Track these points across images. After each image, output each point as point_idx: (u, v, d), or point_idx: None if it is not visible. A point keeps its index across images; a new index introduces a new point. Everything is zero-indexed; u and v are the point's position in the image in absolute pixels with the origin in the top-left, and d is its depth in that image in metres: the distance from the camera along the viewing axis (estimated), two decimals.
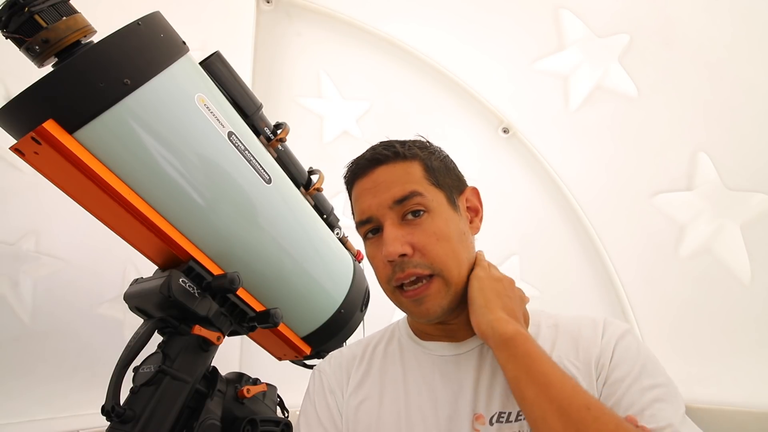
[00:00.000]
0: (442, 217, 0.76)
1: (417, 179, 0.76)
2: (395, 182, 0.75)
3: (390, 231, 0.73)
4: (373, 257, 0.78)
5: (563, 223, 2.16)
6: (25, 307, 1.46)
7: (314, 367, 0.89)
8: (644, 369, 0.66)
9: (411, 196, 0.74)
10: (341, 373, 0.84)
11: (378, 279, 0.79)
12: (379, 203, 0.75)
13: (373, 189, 0.76)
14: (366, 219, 0.77)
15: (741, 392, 1.60)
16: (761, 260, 1.56)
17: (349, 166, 0.83)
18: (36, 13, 0.66)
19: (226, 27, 1.78)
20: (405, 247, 0.71)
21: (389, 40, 1.98)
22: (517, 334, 0.65)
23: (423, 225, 0.73)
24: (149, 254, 0.86)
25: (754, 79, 1.41)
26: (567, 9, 1.67)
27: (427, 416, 0.72)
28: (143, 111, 0.72)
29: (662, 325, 1.91)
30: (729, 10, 1.37)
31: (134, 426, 0.71)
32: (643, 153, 1.78)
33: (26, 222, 1.47)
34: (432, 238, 0.73)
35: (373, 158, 0.78)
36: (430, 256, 0.72)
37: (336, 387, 0.82)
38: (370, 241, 0.78)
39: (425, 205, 0.74)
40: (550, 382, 0.60)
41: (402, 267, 0.72)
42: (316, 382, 0.85)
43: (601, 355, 0.69)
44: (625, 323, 0.76)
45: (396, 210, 0.74)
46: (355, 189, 0.81)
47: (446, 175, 0.81)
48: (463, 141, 2.17)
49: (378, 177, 0.77)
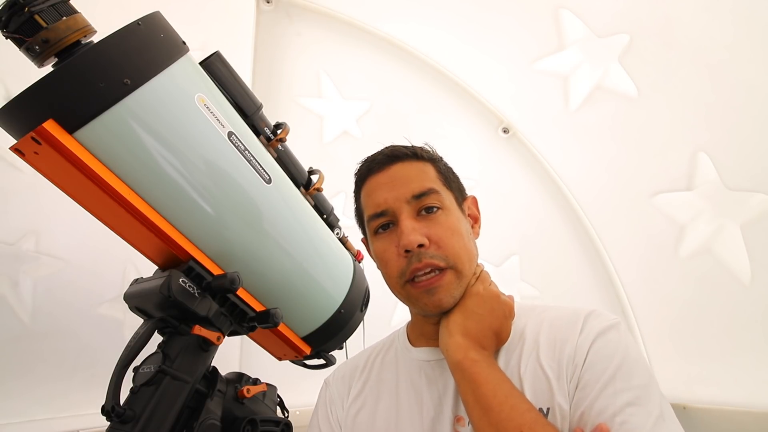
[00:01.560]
0: (455, 215, 0.78)
1: (432, 178, 0.80)
2: (413, 178, 0.78)
3: (408, 222, 0.74)
4: (385, 251, 0.78)
5: (563, 224, 2.16)
6: (25, 307, 1.46)
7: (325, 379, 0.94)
8: (619, 370, 0.63)
9: (429, 193, 0.76)
10: (344, 384, 0.88)
11: (387, 274, 0.79)
12: (396, 197, 0.77)
13: (390, 183, 0.78)
14: (381, 212, 0.78)
15: (741, 392, 1.60)
16: (761, 260, 1.56)
17: (365, 161, 0.85)
18: (36, 13, 0.66)
19: (226, 27, 1.78)
20: (423, 237, 0.73)
21: (389, 39, 1.98)
22: (464, 360, 0.68)
23: (438, 220, 0.76)
24: (149, 254, 0.86)
25: (755, 80, 1.41)
26: (567, 9, 1.67)
27: (414, 419, 0.74)
28: (143, 111, 0.72)
29: (662, 326, 1.91)
30: (730, 11, 1.37)
31: (134, 426, 0.71)
32: (644, 153, 1.78)
33: (26, 222, 1.47)
34: (447, 232, 0.75)
35: (392, 154, 0.81)
36: (445, 249, 0.74)
37: (337, 398, 0.86)
38: (381, 235, 0.79)
39: (440, 203, 0.77)
40: (490, 406, 0.62)
41: (419, 257, 0.73)
42: (321, 394, 0.90)
43: (575, 355, 0.67)
44: (613, 316, 0.72)
45: (413, 205, 0.76)
46: (369, 183, 0.82)
47: (453, 180, 0.85)
48: (463, 141, 2.17)
49: (396, 173, 0.79)
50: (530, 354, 0.71)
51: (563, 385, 0.65)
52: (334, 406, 0.85)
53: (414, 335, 0.86)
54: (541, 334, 0.73)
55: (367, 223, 0.83)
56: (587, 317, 0.72)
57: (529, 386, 0.67)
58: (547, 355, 0.69)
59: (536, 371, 0.68)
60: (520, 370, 0.70)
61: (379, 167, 0.81)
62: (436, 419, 0.72)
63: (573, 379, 0.65)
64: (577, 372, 0.65)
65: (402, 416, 0.75)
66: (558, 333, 0.71)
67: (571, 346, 0.68)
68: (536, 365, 0.69)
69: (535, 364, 0.69)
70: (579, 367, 0.65)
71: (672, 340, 1.85)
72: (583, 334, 0.69)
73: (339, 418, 0.83)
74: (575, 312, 0.74)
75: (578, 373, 0.65)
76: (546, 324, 0.74)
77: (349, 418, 0.81)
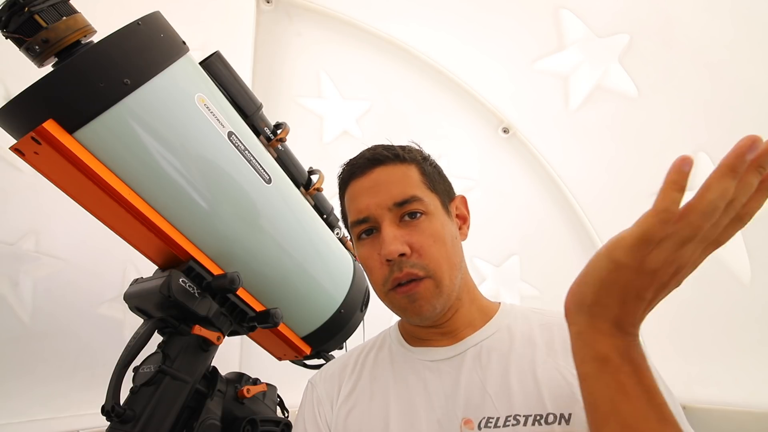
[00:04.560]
0: (439, 220, 0.76)
1: (415, 183, 0.77)
2: (395, 184, 0.76)
3: (389, 230, 0.73)
4: (368, 257, 0.77)
5: (564, 224, 2.16)
6: (25, 307, 1.46)
7: (309, 379, 0.90)
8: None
9: (411, 201, 0.74)
10: (332, 384, 0.84)
11: (372, 281, 0.78)
12: (378, 203, 0.75)
13: (373, 189, 0.76)
14: (363, 218, 0.76)
15: (741, 392, 1.60)
16: (761, 260, 1.56)
17: (347, 165, 0.83)
18: (36, 13, 0.66)
19: (226, 27, 1.78)
20: (404, 246, 0.72)
21: (389, 40, 1.98)
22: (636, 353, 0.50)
23: (420, 227, 0.74)
24: (149, 254, 0.86)
25: (755, 80, 1.41)
26: (567, 9, 1.67)
27: (418, 421, 0.71)
28: (143, 111, 0.72)
29: (662, 325, 1.91)
30: (729, 11, 1.37)
31: (134, 426, 0.71)
32: (644, 153, 1.78)
33: (26, 222, 1.47)
34: (429, 239, 0.73)
35: (374, 158, 0.78)
36: (426, 258, 0.72)
37: (325, 398, 0.83)
38: (364, 242, 0.78)
39: (424, 208, 0.75)
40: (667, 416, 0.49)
41: (400, 266, 0.72)
42: (307, 395, 0.86)
43: None
44: None
45: (394, 211, 0.75)
46: (352, 188, 0.80)
47: (439, 181, 0.82)
48: (463, 141, 2.17)
49: (378, 177, 0.77)
50: (546, 360, 0.69)
51: None
52: (321, 407, 0.82)
53: (407, 336, 0.85)
54: (555, 341, 0.72)
55: (350, 229, 0.81)
56: None
57: (547, 392, 0.66)
58: (567, 361, 0.67)
59: (555, 377, 0.67)
60: (536, 376, 0.68)
61: (361, 171, 0.79)
62: (442, 421, 0.70)
63: None
64: None
65: (402, 418, 0.73)
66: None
67: None
68: (555, 372, 0.67)
69: (553, 371, 0.68)
70: None
71: (671, 339, 1.85)
72: None
73: (328, 419, 0.79)
74: None
75: None
76: (557, 330, 0.73)
77: (340, 418, 0.78)
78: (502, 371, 0.71)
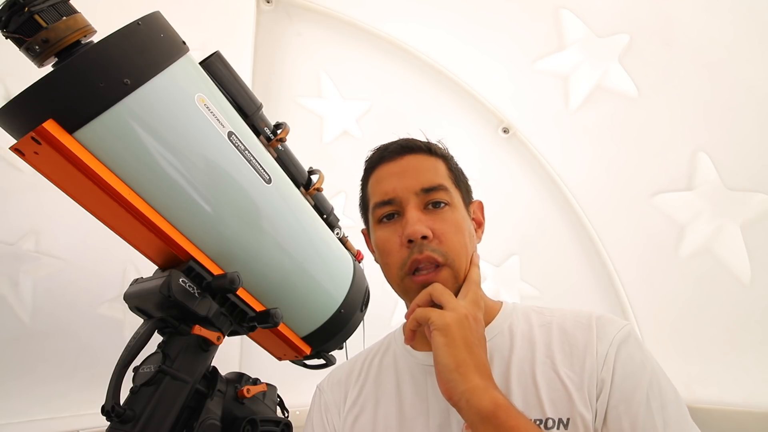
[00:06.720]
0: (461, 213, 0.78)
1: (443, 175, 0.80)
2: (424, 171, 0.78)
3: (414, 213, 0.74)
4: (387, 240, 0.77)
5: (563, 224, 2.16)
6: (25, 307, 1.46)
7: (317, 385, 0.91)
8: (651, 387, 0.63)
9: (438, 188, 0.76)
10: (339, 390, 0.85)
11: (387, 264, 0.78)
12: (405, 187, 0.76)
13: (401, 173, 0.78)
14: (388, 200, 0.77)
15: (741, 392, 1.60)
16: (761, 260, 1.56)
17: (377, 149, 0.84)
18: (36, 13, 0.66)
19: (226, 27, 1.78)
20: (427, 230, 0.73)
21: (389, 40, 1.98)
22: (497, 409, 0.56)
23: (443, 215, 0.76)
24: (149, 254, 0.86)
25: (755, 80, 1.41)
26: (567, 9, 1.67)
27: (420, 426, 0.72)
28: (143, 111, 0.72)
29: (662, 325, 1.91)
30: (729, 11, 1.37)
31: (134, 426, 0.71)
32: (644, 153, 1.78)
33: (26, 222, 1.47)
34: (452, 228, 0.75)
35: (407, 145, 0.81)
36: (447, 245, 0.74)
37: (332, 405, 0.84)
38: (384, 224, 0.79)
39: (449, 199, 0.77)
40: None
41: (420, 249, 0.73)
42: (314, 401, 0.88)
43: (601, 369, 0.65)
44: (622, 320, 0.72)
45: (421, 197, 0.76)
46: (379, 171, 0.82)
47: (463, 180, 0.85)
48: (463, 141, 2.17)
49: (408, 163, 0.79)
50: (544, 362, 0.69)
51: (584, 396, 0.64)
52: (329, 414, 0.83)
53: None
54: (553, 342, 0.72)
55: (372, 211, 0.82)
56: (598, 323, 0.71)
57: (546, 396, 0.66)
58: (564, 364, 0.68)
59: (553, 381, 0.67)
60: (536, 379, 0.68)
61: (392, 156, 0.81)
62: (443, 426, 0.70)
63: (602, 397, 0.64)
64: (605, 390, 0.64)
65: (405, 423, 0.74)
66: (573, 340, 0.70)
67: (591, 356, 0.67)
68: (553, 375, 0.67)
69: (551, 373, 0.68)
70: (607, 384, 0.64)
71: (672, 339, 1.85)
72: (602, 342, 0.68)
73: (336, 425, 0.80)
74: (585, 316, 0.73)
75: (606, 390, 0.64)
76: (556, 330, 0.73)
77: (347, 424, 0.79)
78: (503, 374, 0.71)
